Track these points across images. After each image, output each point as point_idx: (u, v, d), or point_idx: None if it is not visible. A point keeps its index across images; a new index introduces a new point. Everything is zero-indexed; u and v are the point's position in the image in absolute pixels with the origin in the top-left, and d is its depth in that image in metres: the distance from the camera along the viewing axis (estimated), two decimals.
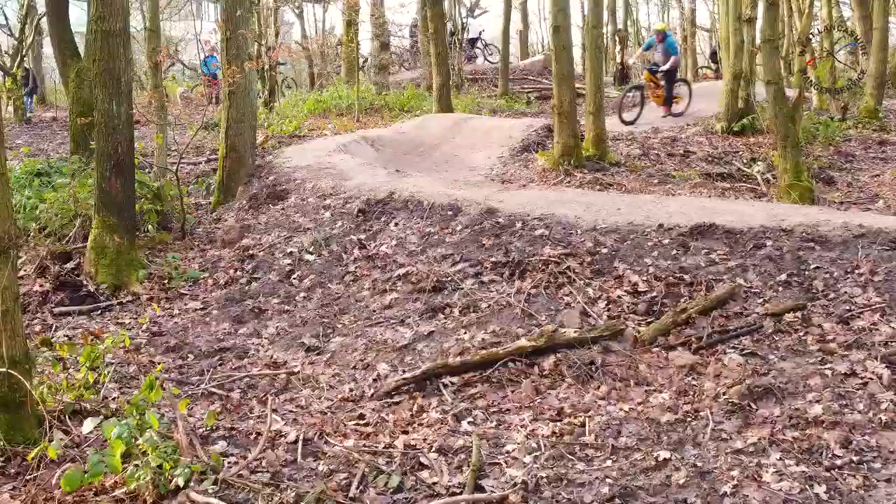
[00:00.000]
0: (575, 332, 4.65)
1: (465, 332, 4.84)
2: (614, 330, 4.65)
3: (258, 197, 7.44)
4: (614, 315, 4.85)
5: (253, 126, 8.07)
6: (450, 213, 6.27)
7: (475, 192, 6.62)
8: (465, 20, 24.56)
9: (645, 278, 5.12)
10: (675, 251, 5.33)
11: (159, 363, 4.97)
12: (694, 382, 4.26)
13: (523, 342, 4.55)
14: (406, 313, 5.22)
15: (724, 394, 4.07)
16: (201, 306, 5.85)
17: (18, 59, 17.53)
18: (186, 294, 6.05)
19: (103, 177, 6.06)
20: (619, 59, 25.06)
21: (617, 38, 26.64)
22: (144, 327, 5.55)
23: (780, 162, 7.69)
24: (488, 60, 25.58)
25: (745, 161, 11.61)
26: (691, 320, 4.72)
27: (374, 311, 5.34)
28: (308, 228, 6.56)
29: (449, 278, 5.44)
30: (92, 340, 5.00)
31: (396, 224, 6.34)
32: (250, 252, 6.40)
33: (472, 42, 25.64)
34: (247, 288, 5.97)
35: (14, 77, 16.20)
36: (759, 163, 10.69)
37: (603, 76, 10.54)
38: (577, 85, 10.94)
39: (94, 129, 6.20)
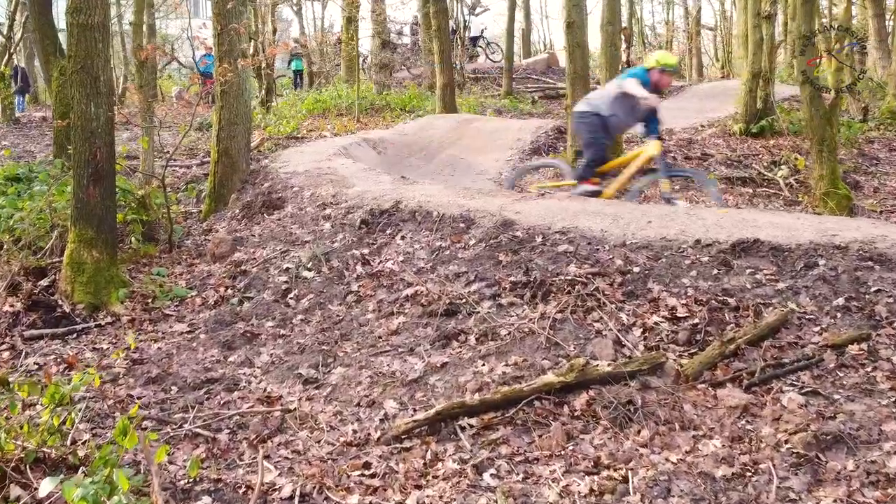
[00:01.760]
0: (609, 365, 4.11)
1: (484, 364, 4.30)
2: (654, 363, 4.11)
3: (252, 206, 6.90)
4: (652, 345, 4.30)
5: (247, 128, 7.53)
6: (462, 225, 5.73)
7: (489, 201, 6.08)
8: (466, 18, 24.08)
9: (684, 302, 4.58)
10: (716, 270, 4.79)
11: (138, 398, 4.45)
12: (749, 427, 3.72)
13: (550, 377, 4.01)
14: (416, 340, 4.68)
15: (786, 442, 3.54)
16: (188, 329, 5.31)
17: (6, 56, 16.96)
18: (172, 315, 5.51)
19: (80, 185, 5.51)
20: (623, 58, 24.56)
21: (623, 36, 26.12)
22: (124, 355, 5.00)
23: (816, 168, 7.17)
24: (490, 59, 25.10)
25: (765, 165, 11.11)
26: (740, 351, 4.18)
27: (380, 337, 4.80)
28: (306, 241, 6.02)
29: (463, 300, 4.90)
30: (59, 374, 4.45)
31: (403, 237, 5.80)
32: (243, 268, 5.85)
33: (474, 40, 25.16)
34: (238, 309, 5.42)
35: (1, 76, 15.64)
36: (782, 167, 10.17)
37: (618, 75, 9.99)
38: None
39: (71, 133, 5.64)
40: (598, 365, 4.10)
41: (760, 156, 11.58)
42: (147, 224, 6.58)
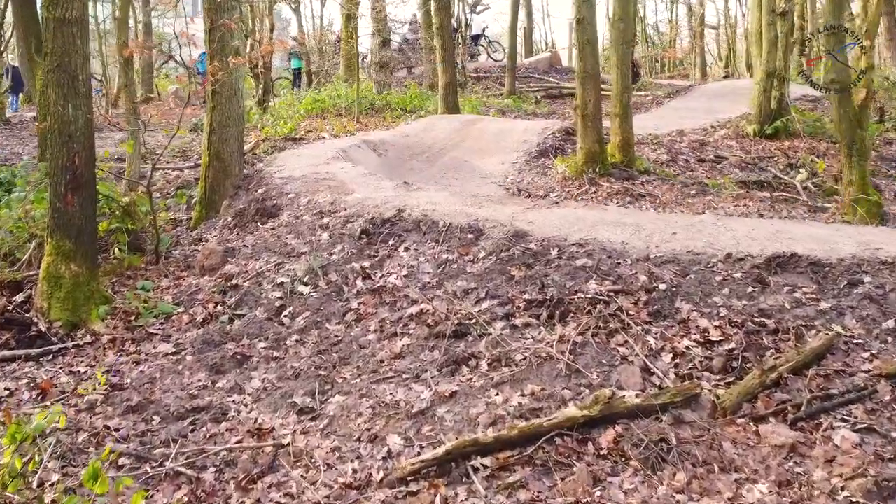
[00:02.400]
0: (637, 396, 3.71)
1: (497, 394, 3.90)
2: (687, 394, 3.71)
3: (245, 213, 6.49)
4: (684, 373, 3.90)
5: (240, 131, 7.11)
6: (470, 236, 5.33)
7: (499, 209, 5.68)
8: (468, 16, 23.67)
9: (717, 324, 4.17)
10: (750, 288, 4.39)
11: (116, 430, 4.05)
12: (798, 469, 3.32)
13: (573, 411, 3.61)
14: (421, 365, 4.27)
15: (842, 489, 3.15)
16: (173, 350, 4.91)
17: None
18: (156, 334, 5.10)
19: (57, 193, 5.11)
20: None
21: None
22: (102, 381, 4.60)
23: (845, 173, 6.76)
24: (492, 58, 24.68)
25: (782, 167, 10.71)
26: (782, 381, 3.78)
27: (382, 361, 4.39)
28: (302, 253, 5.61)
29: (473, 320, 4.49)
30: (32, 402, 4.05)
31: (407, 249, 5.39)
32: (234, 282, 5.45)
33: (475, 39, 24.77)
34: (228, 327, 5.02)
35: None
36: (801, 170, 9.76)
37: (630, 75, 9.59)
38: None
39: (48, 137, 5.23)
40: (625, 396, 3.70)
41: (776, 158, 11.18)
42: (132, 233, 6.18)
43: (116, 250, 5.91)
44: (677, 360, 4.00)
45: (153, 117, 9.74)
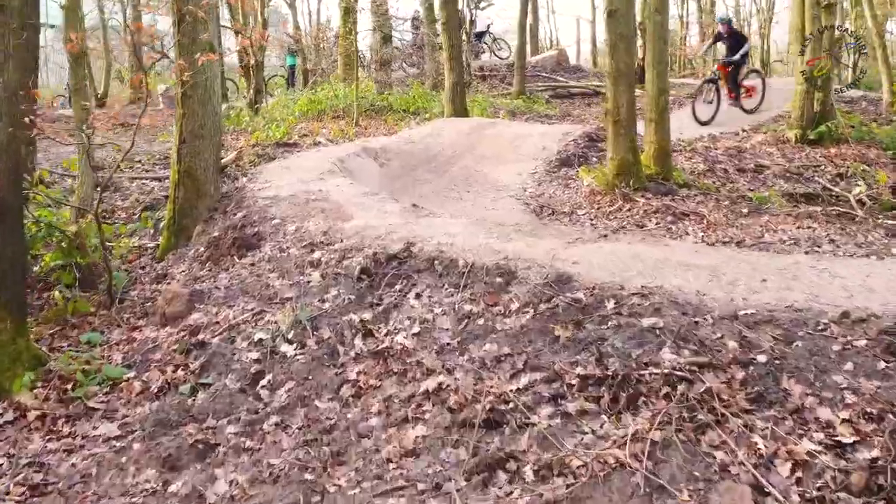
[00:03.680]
0: None
1: None
2: None
3: (220, 243, 5.39)
4: (813, 496, 2.80)
5: (216, 142, 6.02)
6: (499, 279, 4.23)
7: (533, 244, 4.59)
8: (472, 12, 22.60)
9: (845, 415, 3.09)
10: (882, 363, 3.30)
11: None
12: None
13: None
14: (443, 469, 3.19)
15: None
16: (118, 433, 3.83)
17: None
18: (98, 409, 4.01)
19: None
20: (640, 55, 23.10)
21: (639, 31, 24.64)
22: (22, 475, 3.51)
23: None
24: (497, 56, 23.61)
25: (830, 178, 9.63)
26: None
27: (390, 460, 3.30)
28: (287, 298, 4.52)
29: (510, 403, 3.40)
30: None
31: (418, 296, 4.30)
32: (201, 336, 4.36)
33: (480, 36, 23.69)
34: (189, 401, 3.93)
35: None
36: (860, 183, 8.66)
37: (668, 74, 8.49)
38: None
39: None
40: None
41: (822, 167, 10.09)
42: (83, 269, 5.08)
43: (56, 293, 4.81)
44: (799, 473, 2.90)
45: (107, 126, 8.56)
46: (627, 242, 4.60)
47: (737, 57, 12.19)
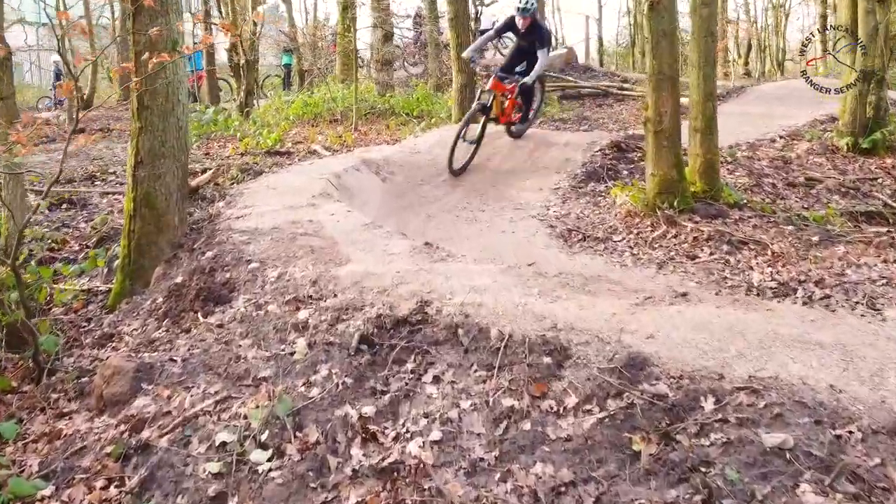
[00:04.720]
0: None
1: None
2: None
3: (183, 293, 4.29)
4: None
5: (182, 163, 4.91)
6: (546, 358, 3.14)
7: (587, 304, 3.49)
8: (477, 9, 21.60)
9: None
10: None
11: None
12: None
13: None
14: None
15: None
16: None
17: None
18: None
19: None
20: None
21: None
22: None
23: None
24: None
25: (890, 193, 8.56)
26: None
27: None
28: (262, 379, 3.42)
29: None
30: None
31: (437, 379, 3.20)
32: (144, 435, 3.25)
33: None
34: None
35: None
36: None
37: (716, 76, 7.38)
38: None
39: None
40: None
41: (880, 180, 9.01)
42: (7, 329, 3.98)
43: None
44: None
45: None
46: (716, 305, 3.49)
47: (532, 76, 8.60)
